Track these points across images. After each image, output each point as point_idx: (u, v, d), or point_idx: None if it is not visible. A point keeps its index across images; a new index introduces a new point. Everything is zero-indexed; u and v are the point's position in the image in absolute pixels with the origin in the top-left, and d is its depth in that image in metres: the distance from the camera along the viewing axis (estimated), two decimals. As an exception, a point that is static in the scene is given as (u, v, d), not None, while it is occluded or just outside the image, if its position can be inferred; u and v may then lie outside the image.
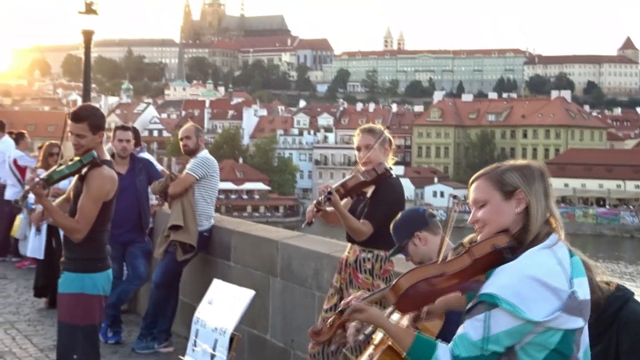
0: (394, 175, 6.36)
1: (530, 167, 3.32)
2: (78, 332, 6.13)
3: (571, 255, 3.23)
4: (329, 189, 5.92)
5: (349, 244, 6.37)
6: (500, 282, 3.04)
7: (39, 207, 6.40)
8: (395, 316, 3.60)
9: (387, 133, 6.41)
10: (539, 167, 3.32)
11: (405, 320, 3.79)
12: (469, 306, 3.11)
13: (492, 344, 3.04)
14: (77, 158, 6.02)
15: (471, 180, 3.39)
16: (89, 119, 6.04)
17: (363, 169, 6.23)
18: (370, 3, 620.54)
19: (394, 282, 3.21)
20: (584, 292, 3.15)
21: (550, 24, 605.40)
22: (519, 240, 3.20)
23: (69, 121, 6.10)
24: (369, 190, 6.27)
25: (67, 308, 6.17)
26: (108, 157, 6.28)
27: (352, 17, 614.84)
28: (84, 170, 6.02)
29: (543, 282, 3.04)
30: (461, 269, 3.16)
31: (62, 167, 6.01)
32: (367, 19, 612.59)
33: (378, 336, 3.67)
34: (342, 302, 3.53)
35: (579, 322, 3.10)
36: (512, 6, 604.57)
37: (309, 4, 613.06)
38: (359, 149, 6.33)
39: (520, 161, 3.36)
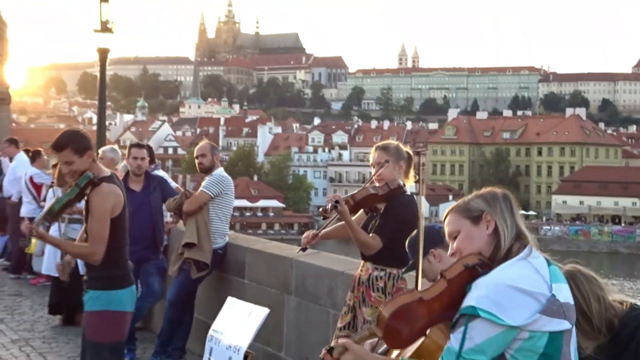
0: (409, 192, 6.34)
1: (493, 191, 3.46)
2: (105, 350, 6.14)
3: (549, 264, 3.29)
4: (337, 199, 5.91)
5: (362, 262, 6.35)
6: (478, 293, 3.10)
7: (65, 259, 6.41)
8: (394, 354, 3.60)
9: (404, 148, 6.41)
10: (501, 191, 3.47)
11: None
12: (452, 322, 3.15)
13: (475, 354, 3.07)
14: (74, 185, 6.01)
15: (443, 218, 3.54)
16: (70, 144, 5.99)
17: (377, 184, 6.23)
18: (384, 21, 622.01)
19: (377, 316, 3.22)
20: (565, 296, 3.20)
21: (564, 42, 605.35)
22: (492, 259, 3.29)
23: (54, 152, 6.10)
24: (382, 207, 6.25)
25: (93, 326, 6.18)
26: (107, 173, 6.21)
27: (366, 35, 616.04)
28: (87, 191, 6.01)
29: (520, 288, 3.09)
30: (439, 292, 3.20)
31: (61, 196, 6.03)
32: (381, 37, 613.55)
33: None
34: (333, 341, 3.52)
35: (563, 324, 3.14)
36: (527, 24, 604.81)
37: (323, 22, 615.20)
38: (373, 166, 6.34)
39: (483, 190, 3.50)
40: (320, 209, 5.99)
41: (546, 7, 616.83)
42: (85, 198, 6.05)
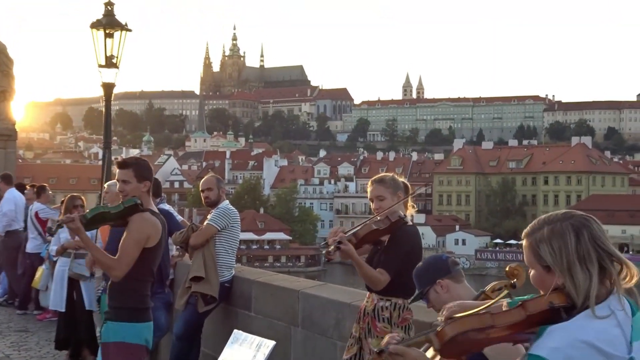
0: (410, 223, 6.32)
1: (564, 232, 3.06)
2: None
3: (635, 311, 3.03)
4: (340, 239, 5.88)
5: (367, 293, 6.33)
6: (552, 344, 2.87)
7: (89, 255, 6.47)
8: (430, 353, 3.51)
9: (399, 179, 6.41)
10: (575, 228, 3.08)
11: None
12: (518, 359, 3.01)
13: None
14: (119, 203, 6.17)
15: (524, 235, 3.20)
16: (134, 166, 6.23)
17: (378, 218, 6.21)
18: (388, 52, 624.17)
19: (439, 329, 3.10)
20: None
21: (569, 70, 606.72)
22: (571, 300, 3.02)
23: (116, 169, 6.26)
24: (386, 239, 6.23)
25: (109, 358, 6.20)
26: (154, 209, 6.38)
27: (371, 66, 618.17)
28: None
29: (596, 347, 2.85)
30: (513, 322, 3.01)
31: (102, 206, 6.11)
32: (385, 68, 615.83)
33: None
34: (382, 341, 3.44)
35: None
36: (531, 53, 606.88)
37: (328, 54, 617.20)
38: (371, 200, 6.33)
39: (557, 224, 3.10)
40: (324, 252, 5.95)
41: (550, 36, 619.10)
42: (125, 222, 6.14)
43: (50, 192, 15.92)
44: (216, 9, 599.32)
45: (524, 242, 3.19)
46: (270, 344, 5.26)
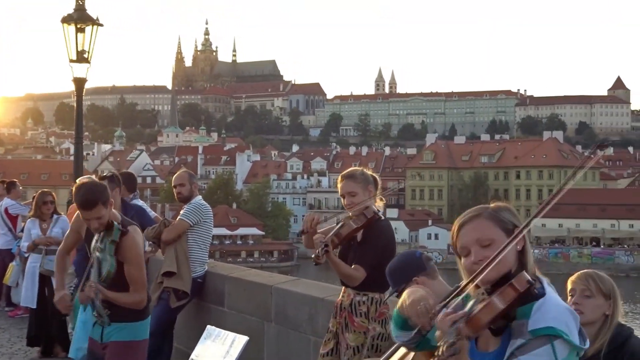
0: (383, 218, 6.32)
1: (512, 208, 3.42)
2: None
3: None
4: (325, 242, 5.88)
5: (343, 288, 6.33)
6: (550, 315, 3.13)
7: (65, 293, 6.42)
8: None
9: (368, 173, 6.40)
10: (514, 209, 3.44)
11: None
12: (519, 343, 3.13)
13: None
14: (108, 240, 5.99)
15: (462, 221, 3.37)
16: (100, 199, 5.99)
17: (350, 214, 6.19)
18: (361, 47, 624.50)
19: (471, 316, 3.14)
20: None
21: (540, 65, 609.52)
22: None
23: (82, 210, 6.06)
24: (359, 234, 6.22)
25: (119, 355, 6.24)
26: (119, 217, 6.29)
27: (343, 61, 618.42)
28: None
29: (572, 312, 3.19)
30: (510, 301, 3.14)
31: (107, 266, 5.96)
32: (358, 62, 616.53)
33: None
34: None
35: (587, 343, 3.22)
36: (503, 48, 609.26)
37: (300, 49, 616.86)
38: (343, 196, 6.31)
39: (499, 202, 3.44)
40: (313, 256, 5.93)
41: (521, 31, 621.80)
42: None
43: (20, 187, 15.82)
44: (189, 3, 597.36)
45: (473, 222, 3.34)
46: (243, 339, 5.25)
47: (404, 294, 3.63)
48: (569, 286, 4.88)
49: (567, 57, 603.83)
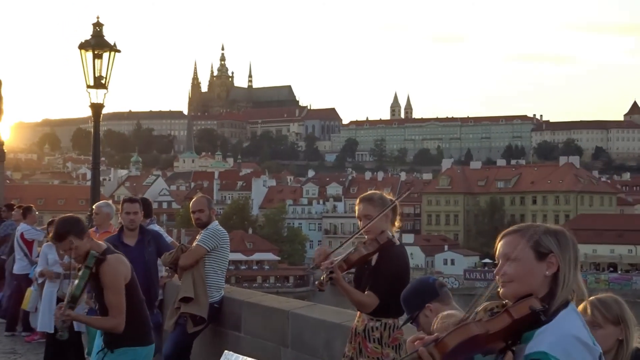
0: (398, 243, 6.31)
1: (565, 234, 3.35)
2: None
3: None
4: (331, 268, 5.87)
5: (358, 312, 6.32)
6: (549, 340, 3.10)
7: (62, 309, 6.55)
8: None
9: (387, 197, 6.39)
10: (572, 237, 3.37)
11: None
12: None
13: None
14: (82, 267, 6.23)
15: (504, 233, 3.40)
16: (70, 232, 6.30)
17: (365, 237, 6.19)
18: (377, 72, 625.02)
19: (439, 340, 3.17)
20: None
21: (556, 90, 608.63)
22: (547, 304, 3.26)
23: (55, 242, 6.47)
24: (373, 259, 6.21)
25: None
26: (104, 246, 6.49)
27: (359, 86, 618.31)
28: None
29: (583, 342, 3.13)
30: (501, 328, 3.18)
31: (76, 282, 6.19)
32: (374, 87, 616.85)
33: None
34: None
35: None
36: (518, 74, 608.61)
37: (316, 74, 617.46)
38: (359, 218, 6.31)
39: (554, 226, 3.40)
40: (317, 282, 5.94)
41: (537, 56, 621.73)
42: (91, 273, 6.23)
43: (36, 212, 15.87)
44: (204, 29, 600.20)
45: (508, 237, 3.37)
46: (260, 364, 5.25)
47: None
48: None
49: (583, 83, 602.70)
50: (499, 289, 3.35)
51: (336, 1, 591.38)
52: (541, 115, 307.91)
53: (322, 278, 5.85)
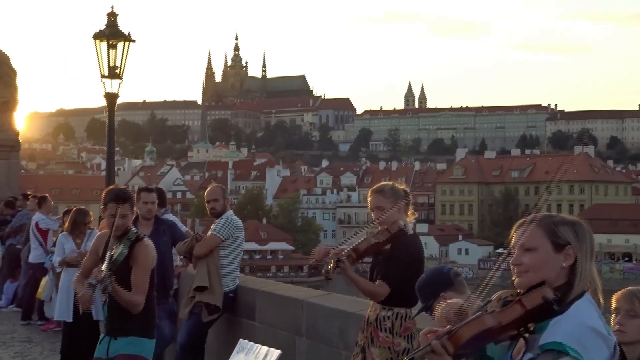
0: (411, 232, 6.32)
1: (582, 225, 3.34)
2: None
3: None
4: (339, 257, 5.87)
5: (371, 302, 6.34)
6: (564, 331, 3.08)
7: (87, 292, 6.55)
8: None
9: (399, 187, 6.39)
10: (588, 228, 3.35)
11: None
12: (527, 358, 3.15)
13: None
14: (125, 239, 6.35)
15: (520, 222, 3.40)
16: (131, 199, 6.55)
17: (378, 228, 6.19)
18: (391, 62, 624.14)
19: (452, 333, 3.17)
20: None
21: (571, 80, 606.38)
22: (562, 295, 3.23)
23: (113, 204, 6.41)
24: (387, 248, 6.21)
25: None
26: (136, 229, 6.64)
27: (373, 76, 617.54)
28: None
29: (598, 332, 3.11)
30: (514, 318, 3.18)
31: (118, 251, 6.20)
32: (388, 78, 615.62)
33: None
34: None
35: None
36: (533, 62, 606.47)
37: (330, 64, 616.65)
38: (372, 210, 6.31)
39: (571, 216, 3.39)
40: (323, 270, 5.94)
41: (551, 44, 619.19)
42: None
43: (51, 202, 15.95)
44: (218, 19, 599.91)
45: (525, 226, 3.35)
46: (276, 353, 5.27)
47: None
48: (613, 304, 4.85)
49: (598, 72, 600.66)
50: (513, 279, 3.35)
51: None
52: (556, 105, 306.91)
53: (329, 267, 5.85)
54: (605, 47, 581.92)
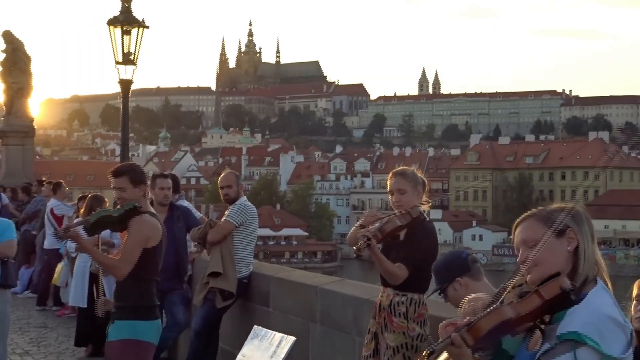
0: (428, 219, 6.35)
1: (577, 209, 3.36)
2: None
3: None
4: (368, 235, 5.88)
5: (382, 287, 6.34)
6: (581, 320, 3.08)
7: (102, 297, 6.65)
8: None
9: (419, 175, 6.41)
10: (584, 210, 3.36)
11: None
12: (545, 348, 3.14)
13: None
14: (120, 206, 6.37)
15: (517, 221, 3.41)
16: (127, 173, 6.42)
17: (397, 212, 6.20)
18: (405, 47, 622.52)
19: (472, 325, 3.15)
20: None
21: (586, 65, 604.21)
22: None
23: (111, 177, 6.42)
24: (402, 233, 6.22)
25: (117, 354, 6.37)
26: (153, 211, 6.58)
27: (387, 62, 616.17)
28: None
29: (615, 320, 3.11)
30: (533, 309, 3.17)
31: (102, 210, 6.29)
32: (401, 63, 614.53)
33: None
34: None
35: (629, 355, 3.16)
36: (547, 47, 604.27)
37: (344, 50, 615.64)
38: (391, 192, 6.33)
39: (564, 203, 3.40)
40: (354, 248, 5.92)
41: (566, 30, 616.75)
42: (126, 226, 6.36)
43: (66, 188, 16.01)
44: (232, 4, 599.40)
45: (524, 223, 3.38)
46: (290, 339, 5.28)
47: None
48: (635, 291, 4.83)
49: (613, 57, 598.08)
50: (526, 277, 3.34)
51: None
52: (570, 91, 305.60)
53: (360, 244, 5.85)
54: (621, 32, 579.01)
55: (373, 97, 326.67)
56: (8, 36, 26.55)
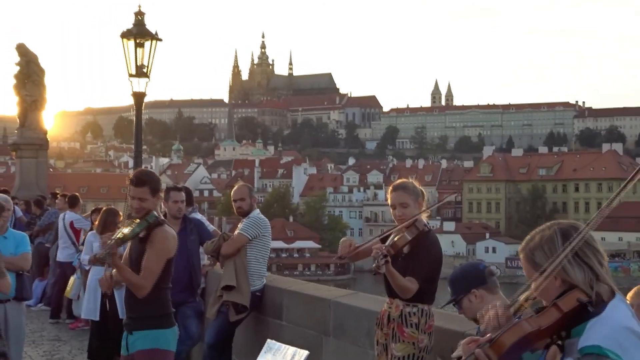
0: (430, 229, 6.37)
1: (552, 237, 3.32)
2: None
3: None
4: (385, 253, 5.87)
5: (389, 299, 6.33)
6: (602, 333, 3.09)
7: (107, 272, 6.53)
8: None
9: (417, 185, 6.42)
10: (562, 232, 3.33)
11: None
12: None
13: None
14: (142, 219, 6.25)
15: (519, 251, 3.46)
16: (149, 183, 6.34)
17: (400, 225, 6.20)
18: (417, 59, 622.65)
19: (494, 340, 3.18)
20: None
21: (599, 77, 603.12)
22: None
23: (130, 185, 6.35)
24: (406, 246, 6.22)
25: None
26: (163, 218, 6.54)
27: (399, 74, 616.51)
28: (143, 232, 6.25)
29: (635, 332, 3.12)
30: (552, 322, 3.19)
31: (132, 227, 6.17)
32: (414, 75, 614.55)
33: None
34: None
35: None
36: (560, 59, 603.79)
37: (357, 62, 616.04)
38: (393, 206, 6.33)
39: (546, 231, 3.37)
40: (374, 266, 5.90)
41: (579, 42, 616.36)
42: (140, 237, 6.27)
43: (81, 201, 16.05)
44: (245, 17, 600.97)
45: (521, 257, 3.44)
46: (304, 353, 5.26)
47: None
48: (627, 301, 4.82)
49: (626, 68, 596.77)
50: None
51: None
52: (584, 102, 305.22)
53: (377, 262, 5.84)
54: (636, 43, 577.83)
55: (385, 109, 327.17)
56: (22, 49, 26.65)
